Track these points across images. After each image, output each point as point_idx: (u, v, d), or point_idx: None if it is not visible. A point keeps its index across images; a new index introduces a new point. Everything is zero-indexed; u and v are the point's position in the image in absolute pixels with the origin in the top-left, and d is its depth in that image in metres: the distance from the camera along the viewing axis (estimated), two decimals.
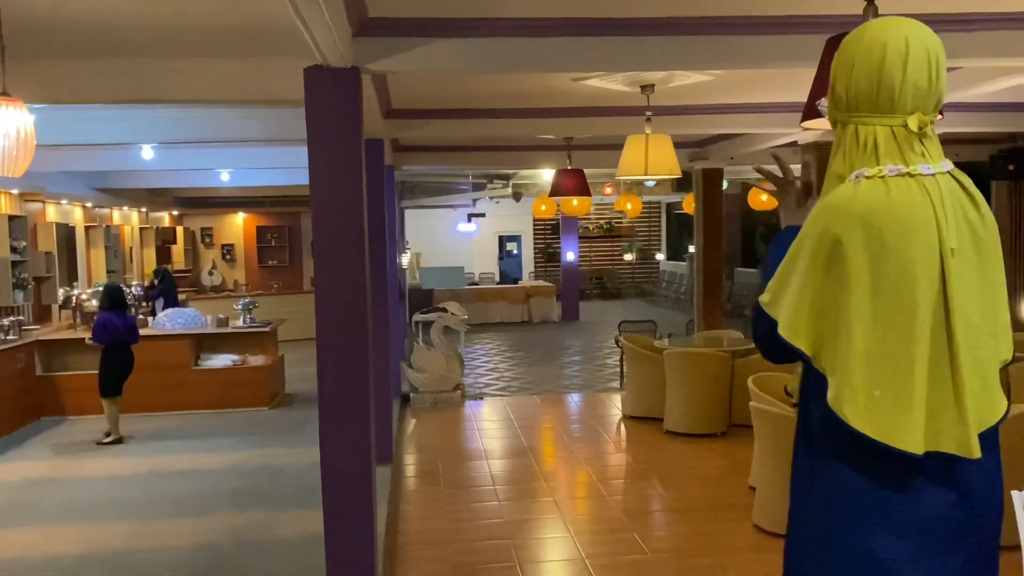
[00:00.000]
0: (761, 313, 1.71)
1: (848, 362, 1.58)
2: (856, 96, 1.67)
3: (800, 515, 1.76)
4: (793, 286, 1.64)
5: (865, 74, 1.64)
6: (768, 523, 5.24)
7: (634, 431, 7.98)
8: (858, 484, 1.64)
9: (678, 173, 5.33)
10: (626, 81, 5.29)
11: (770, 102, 6.52)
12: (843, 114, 1.71)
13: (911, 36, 1.62)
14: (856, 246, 1.57)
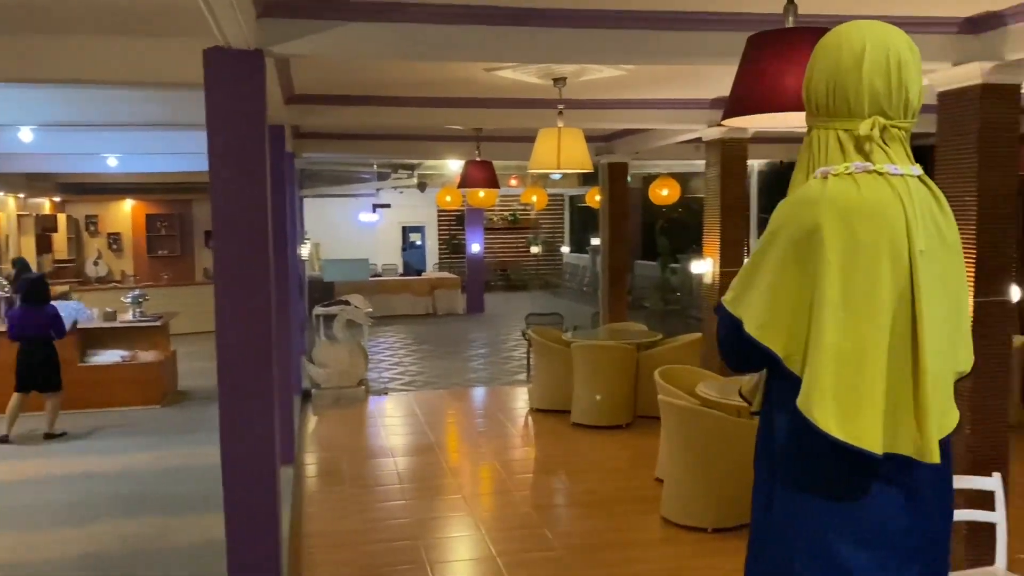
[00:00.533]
0: (724, 314, 1.66)
1: (818, 361, 1.52)
2: (816, 101, 1.66)
3: (762, 535, 1.72)
4: (761, 283, 1.59)
5: (824, 79, 1.63)
6: (676, 515, 5.29)
7: (541, 424, 7.98)
8: (821, 497, 1.60)
9: (590, 167, 5.31)
10: (539, 73, 5.22)
11: (679, 98, 6.59)
12: (810, 118, 1.72)
13: (869, 39, 1.59)
14: (832, 236, 1.52)
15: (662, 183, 11.67)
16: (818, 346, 1.51)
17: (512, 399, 9.20)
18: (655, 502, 5.65)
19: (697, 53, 4.19)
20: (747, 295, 1.61)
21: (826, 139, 1.63)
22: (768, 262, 1.58)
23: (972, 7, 4.05)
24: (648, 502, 5.75)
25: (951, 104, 4.40)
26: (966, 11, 4.10)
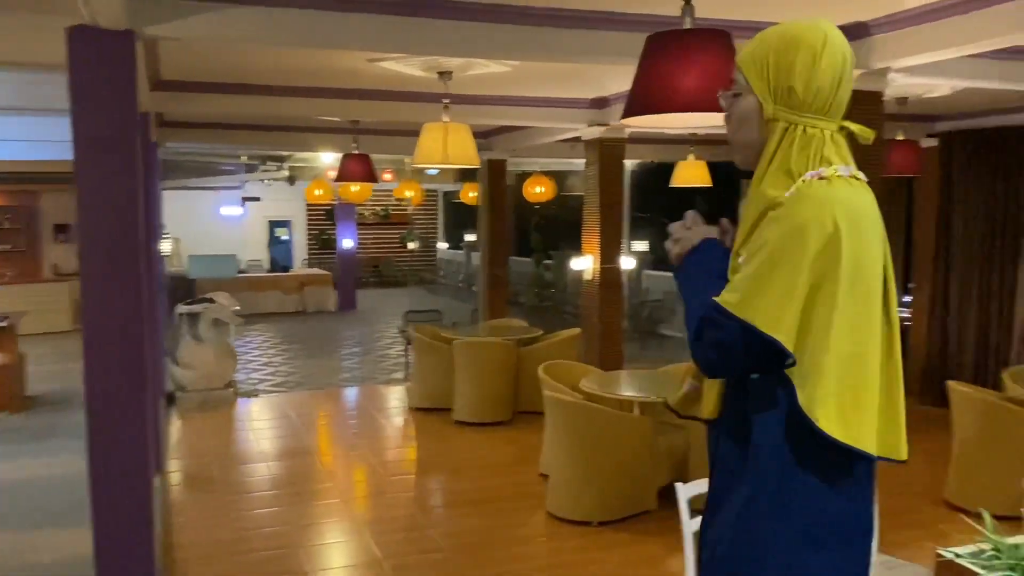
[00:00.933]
0: (726, 317, 1.55)
1: (824, 364, 1.51)
2: (814, 97, 1.61)
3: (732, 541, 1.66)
4: (778, 283, 1.52)
5: (829, 77, 1.60)
6: (561, 510, 5.33)
7: (422, 423, 7.87)
8: (805, 499, 1.58)
9: (477, 163, 5.26)
10: (424, 66, 5.13)
11: (561, 97, 6.65)
12: (792, 113, 1.63)
13: (842, 41, 1.64)
14: (847, 241, 1.51)
15: (536, 181, 11.78)
16: (825, 349, 1.50)
17: (390, 398, 9.04)
18: (540, 498, 5.67)
19: (590, 52, 4.21)
20: (760, 297, 1.53)
21: (813, 134, 1.61)
22: (787, 263, 1.52)
23: (840, 16, 4.26)
24: (533, 498, 5.77)
25: None
26: (837, 20, 4.30)
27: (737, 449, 1.64)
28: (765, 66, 1.64)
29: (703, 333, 1.59)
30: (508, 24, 4.08)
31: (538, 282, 15.23)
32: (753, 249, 1.57)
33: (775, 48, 1.63)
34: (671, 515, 5.30)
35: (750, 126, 1.68)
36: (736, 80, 1.73)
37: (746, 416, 1.63)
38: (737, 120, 1.71)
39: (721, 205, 12.87)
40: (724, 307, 1.55)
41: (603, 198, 6.98)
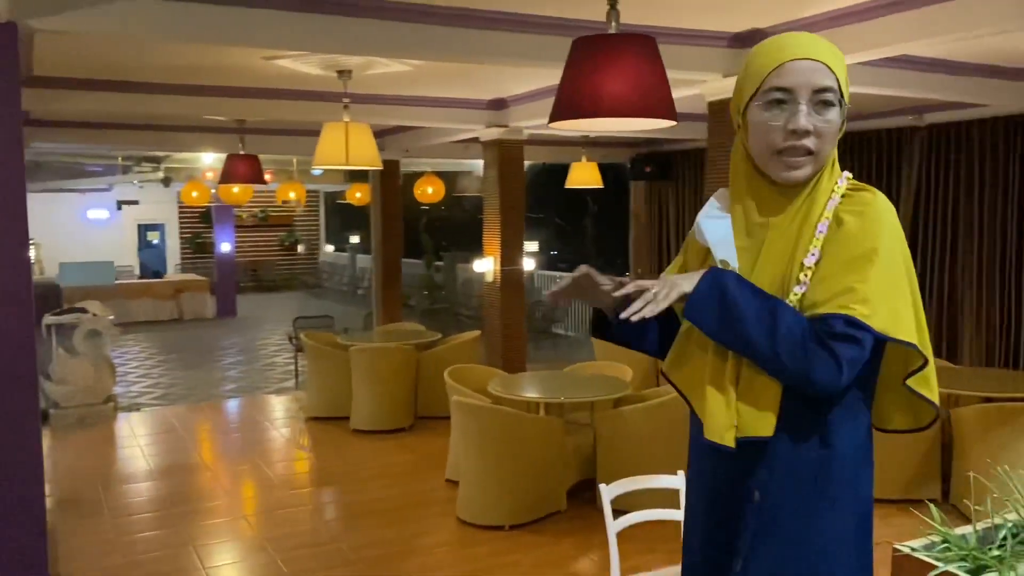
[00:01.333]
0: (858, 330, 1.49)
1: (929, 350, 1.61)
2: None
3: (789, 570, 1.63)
4: (899, 289, 1.54)
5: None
6: (472, 516, 5.28)
7: (319, 432, 7.64)
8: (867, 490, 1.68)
9: (379, 164, 5.14)
10: (323, 64, 4.96)
11: (460, 98, 6.59)
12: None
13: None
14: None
15: (427, 181, 11.67)
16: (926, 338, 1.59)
17: (282, 408, 8.74)
18: (449, 504, 5.60)
19: (494, 53, 4.18)
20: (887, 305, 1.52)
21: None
22: (898, 268, 1.55)
23: (740, 24, 4.39)
24: (442, 504, 5.69)
25: (720, 113, 4.75)
26: (735, 27, 4.44)
27: (808, 461, 1.60)
28: (845, 78, 1.59)
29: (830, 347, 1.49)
30: (413, 23, 3.99)
31: (428, 284, 15.10)
32: (849, 255, 1.52)
33: (837, 54, 1.59)
34: (581, 514, 5.37)
35: (834, 138, 1.59)
36: (831, 87, 1.56)
37: (822, 425, 1.59)
38: (828, 131, 1.57)
39: (611, 206, 13.17)
40: (862, 320, 1.48)
41: (503, 199, 6.98)
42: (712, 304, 1.57)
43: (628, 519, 3.41)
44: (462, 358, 7.46)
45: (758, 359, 1.55)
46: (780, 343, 1.50)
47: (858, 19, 4.00)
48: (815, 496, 1.60)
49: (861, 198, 1.58)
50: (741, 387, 1.60)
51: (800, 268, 1.56)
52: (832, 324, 1.50)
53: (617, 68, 2.69)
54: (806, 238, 1.58)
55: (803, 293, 1.56)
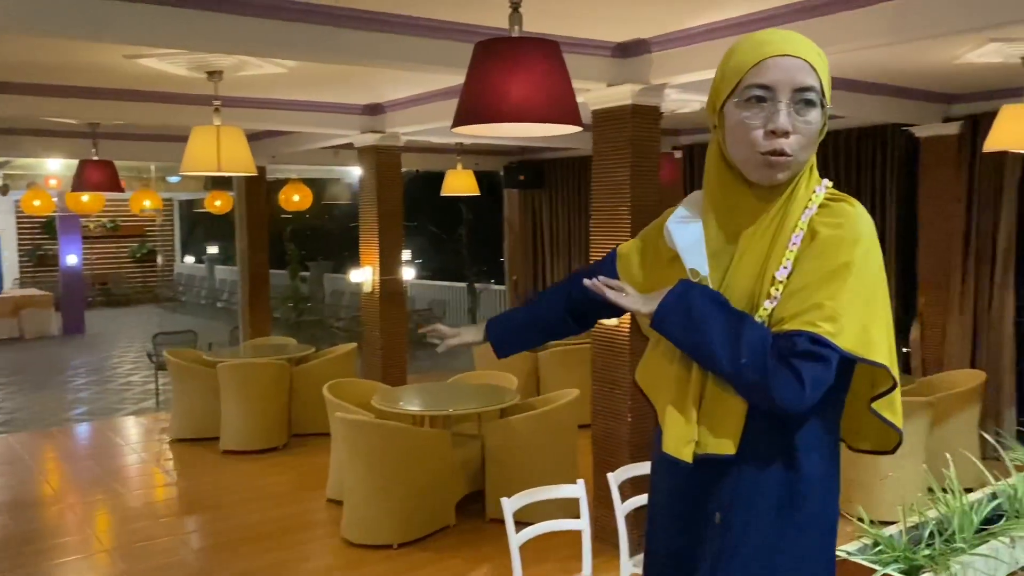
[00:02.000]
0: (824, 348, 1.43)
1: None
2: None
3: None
4: (871, 307, 1.47)
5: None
6: (359, 535, 5.08)
7: (186, 455, 7.19)
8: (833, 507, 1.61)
9: (253, 171, 4.86)
10: (191, 65, 4.66)
11: (334, 102, 6.37)
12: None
13: None
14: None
15: (293, 188, 11.28)
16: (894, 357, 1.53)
17: (143, 431, 8.18)
18: (333, 525, 5.38)
19: (379, 56, 4.02)
20: (857, 323, 1.45)
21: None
22: (873, 285, 1.48)
23: (623, 33, 4.43)
24: (325, 526, 5.46)
25: (605, 122, 4.78)
26: (618, 36, 4.48)
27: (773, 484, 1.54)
28: (827, 77, 1.53)
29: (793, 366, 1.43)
30: (293, 21, 3.79)
31: (295, 296, 14.59)
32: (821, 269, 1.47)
33: (820, 53, 1.53)
34: (470, 528, 5.28)
35: (815, 140, 1.55)
36: (812, 87, 1.50)
37: (789, 447, 1.54)
38: (806, 132, 1.51)
39: (485, 214, 13.14)
40: (827, 339, 1.42)
41: (381, 207, 6.79)
42: (678, 318, 1.52)
43: (531, 531, 3.35)
44: (338, 372, 7.21)
45: (722, 375, 1.50)
46: (743, 360, 1.45)
47: (740, 30, 4.12)
48: (780, 521, 1.54)
49: (838, 209, 1.52)
50: (706, 402, 1.55)
51: (771, 282, 1.50)
52: (796, 341, 1.44)
53: (523, 72, 2.62)
54: (779, 249, 1.52)
55: (773, 308, 1.50)
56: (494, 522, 5.34)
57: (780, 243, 1.52)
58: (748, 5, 3.93)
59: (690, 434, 1.55)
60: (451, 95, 5.99)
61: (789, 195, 1.55)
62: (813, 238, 1.50)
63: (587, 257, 9.81)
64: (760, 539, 1.53)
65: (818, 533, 1.56)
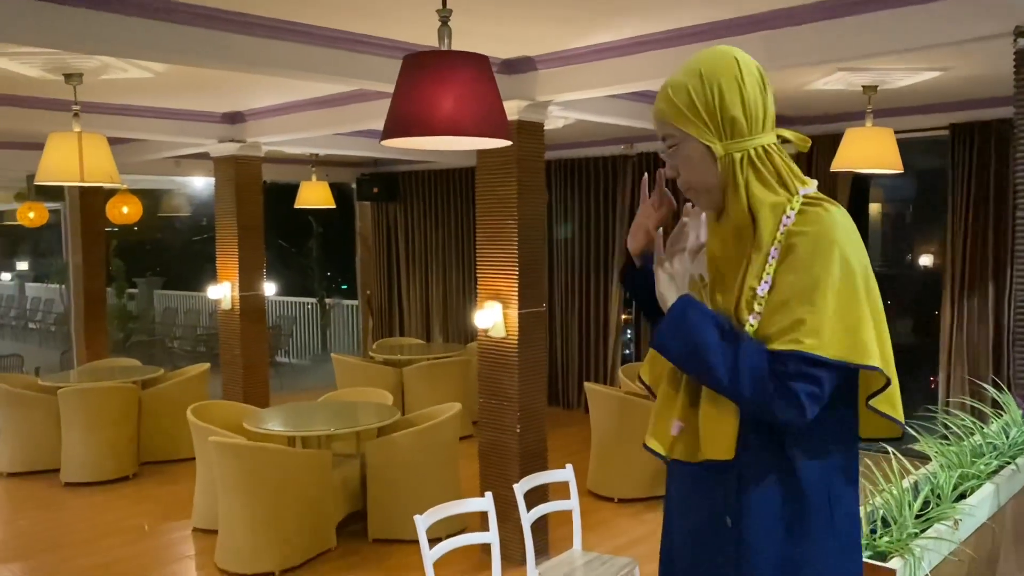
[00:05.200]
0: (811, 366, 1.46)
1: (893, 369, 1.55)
2: (753, 118, 1.57)
3: None
4: (854, 313, 1.48)
5: (757, 91, 1.58)
6: (235, 564, 4.82)
7: (21, 491, 6.52)
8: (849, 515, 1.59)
9: (119, 181, 4.53)
10: (48, 65, 4.29)
11: (192, 110, 6.06)
12: (741, 142, 1.58)
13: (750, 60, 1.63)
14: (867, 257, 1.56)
15: (122, 199, 10.56)
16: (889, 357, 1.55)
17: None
18: (205, 555, 5.09)
19: (270, 63, 3.88)
20: (842, 331, 1.47)
21: (764, 155, 1.59)
22: (850, 290, 1.49)
23: (510, 51, 4.52)
24: (194, 557, 5.15)
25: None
26: (505, 53, 4.56)
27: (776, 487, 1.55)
28: (694, 109, 1.57)
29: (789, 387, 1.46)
30: (166, 22, 3.58)
31: (122, 314, 13.62)
32: (798, 283, 1.49)
33: (695, 88, 1.58)
34: (351, 550, 5.17)
35: (705, 170, 1.60)
36: (669, 135, 1.63)
37: (789, 451, 1.55)
38: (689, 170, 1.62)
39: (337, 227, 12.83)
40: (814, 355, 1.45)
41: (241, 219, 6.51)
42: (677, 344, 1.56)
43: (444, 546, 3.32)
44: (192, 394, 6.83)
45: (724, 395, 1.53)
46: (743, 384, 1.48)
47: (623, 52, 4.30)
48: (793, 531, 1.55)
49: (812, 216, 1.53)
50: (704, 405, 1.58)
51: (753, 296, 1.53)
52: (786, 363, 1.47)
53: (454, 86, 2.62)
54: (757, 260, 1.54)
55: (757, 323, 1.52)
56: (377, 542, 5.24)
57: (757, 256, 1.55)
58: (632, 29, 4.11)
59: (664, 429, 1.65)
60: (316, 105, 5.86)
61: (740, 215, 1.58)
62: (789, 251, 1.52)
63: (450, 271, 9.84)
64: (777, 550, 1.55)
65: (836, 547, 1.56)
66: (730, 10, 3.76)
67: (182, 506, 5.86)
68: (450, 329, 9.98)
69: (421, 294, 10.25)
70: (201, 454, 5.36)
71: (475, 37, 4.15)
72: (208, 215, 15.66)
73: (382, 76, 4.12)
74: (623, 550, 4.86)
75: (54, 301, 15.70)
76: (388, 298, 10.63)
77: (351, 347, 12.00)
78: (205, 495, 5.41)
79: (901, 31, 3.49)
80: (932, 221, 9.61)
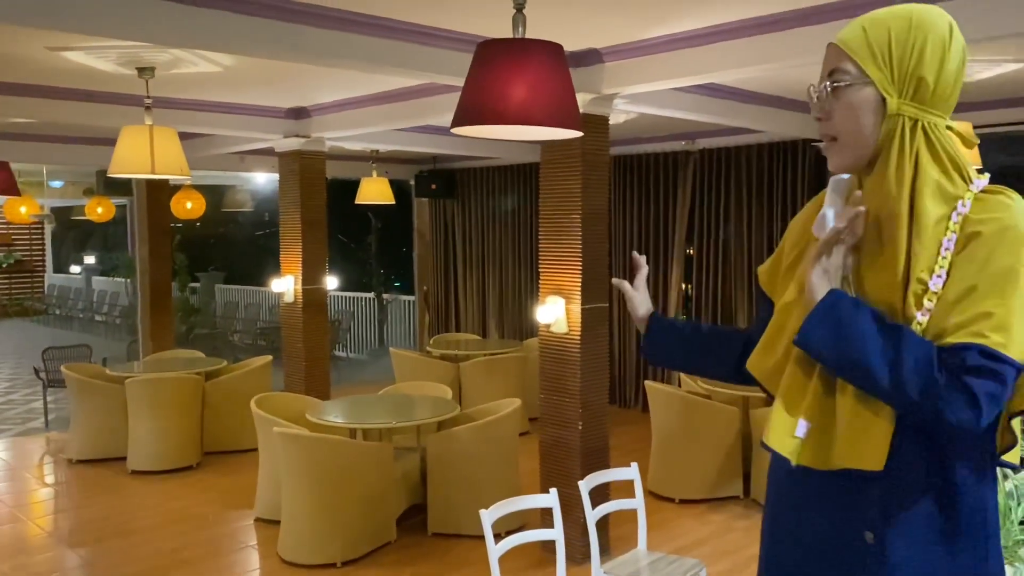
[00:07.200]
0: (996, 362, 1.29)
1: None
2: (943, 89, 1.41)
3: None
4: None
5: (957, 64, 1.42)
6: (297, 555, 4.87)
7: (90, 477, 6.70)
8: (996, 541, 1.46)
9: (188, 173, 4.60)
10: (121, 59, 4.37)
11: (257, 105, 6.13)
12: (919, 108, 1.41)
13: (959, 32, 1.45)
14: None
15: (186, 195, 10.78)
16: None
17: (36, 453, 7.58)
18: (266, 545, 5.15)
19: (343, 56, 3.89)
20: None
21: (939, 134, 1.42)
22: None
23: (576, 42, 4.46)
24: (256, 547, 5.21)
25: None
26: (571, 46, 4.50)
27: (926, 508, 1.40)
28: (887, 53, 1.41)
29: (964, 383, 1.29)
30: (252, 15, 3.61)
31: (185, 308, 13.90)
32: (984, 274, 1.33)
33: (898, 32, 1.41)
34: (412, 543, 5.17)
35: (864, 123, 1.42)
36: (843, 69, 1.44)
37: (944, 462, 1.40)
38: (845, 115, 1.44)
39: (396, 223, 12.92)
40: (999, 351, 1.28)
41: (304, 214, 6.57)
42: (827, 332, 1.39)
43: (510, 541, 3.29)
44: (254, 386, 6.92)
45: (880, 395, 1.36)
46: (907, 379, 1.31)
47: (692, 44, 4.21)
48: (943, 546, 1.40)
49: (994, 203, 1.37)
50: (848, 402, 1.41)
51: (924, 290, 1.36)
52: (965, 356, 1.30)
53: (527, 74, 2.59)
54: (924, 253, 1.38)
55: (927, 320, 1.36)
56: (437, 536, 5.24)
57: (922, 245, 1.38)
58: (701, 19, 4.03)
59: (793, 426, 1.45)
60: (379, 100, 5.88)
61: (897, 188, 1.41)
62: (969, 240, 1.35)
63: (507, 267, 9.84)
64: (925, 570, 1.40)
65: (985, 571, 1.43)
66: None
67: (244, 496, 5.94)
68: (506, 325, 9.97)
69: (477, 290, 10.26)
70: (264, 445, 5.42)
71: (541, 28, 4.11)
72: (270, 211, 15.93)
73: (451, 69, 4.10)
74: (686, 551, 4.77)
75: (119, 294, 16.10)
76: (445, 294, 10.66)
77: (407, 342, 12.07)
78: (268, 486, 5.48)
79: (985, 18, 3.34)
80: None
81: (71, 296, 17.87)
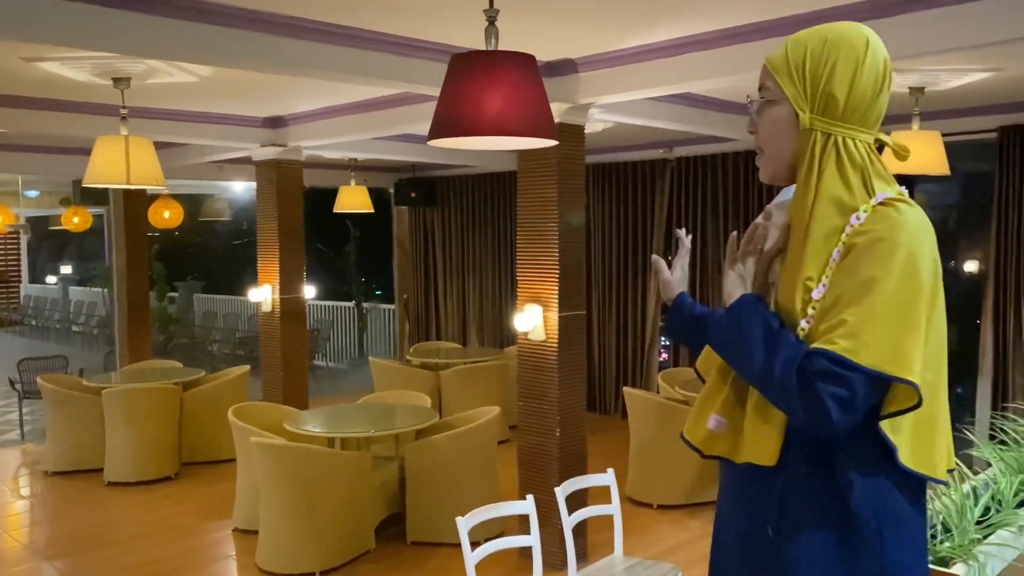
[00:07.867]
0: (840, 367, 1.35)
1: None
2: (855, 105, 1.46)
3: None
4: (903, 322, 1.37)
5: (872, 83, 1.46)
6: (276, 565, 4.86)
7: (66, 489, 6.64)
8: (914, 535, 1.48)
9: (163, 183, 4.60)
10: (96, 70, 4.37)
11: (234, 115, 6.13)
12: (831, 123, 1.47)
13: (880, 45, 1.50)
14: (937, 269, 1.44)
15: (163, 204, 10.73)
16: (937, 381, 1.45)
17: (11, 465, 7.50)
18: (244, 555, 5.13)
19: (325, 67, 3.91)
20: (885, 340, 1.36)
21: (860, 149, 1.47)
22: (907, 299, 1.38)
23: (551, 52, 4.50)
24: (238, 556, 5.19)
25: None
26: (546, 55, 4.54)
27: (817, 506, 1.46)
28: (802, 70, 1.47)
29: (814, 386, 1.35)
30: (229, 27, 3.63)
31: (163, 317, 13.83)
32: (849, 284, 1.39)
33: (813, 51, 1.47)
34: (391, 552, 5.17)
35: (782, 137, 1.51)
36: (766, 86, 1.54)
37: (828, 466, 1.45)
38: (767, 130, 1.53)
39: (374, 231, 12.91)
40: (845, 357, 1.34)
41: (282, 222, 6.57)
42: (724, 332, 1.52)
43: (486, 549, 3.31)
44: (232, 396, 6.90)
45: (755, 385, 1.47)
46: (774, 380, 1.40)
47: (667, 54, 4.26)
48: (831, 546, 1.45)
49: (881, 214, 1.42)
50: (751, 404, 1.50)
51: (807, 296, 1.44)
52: (813, 361, 1.37)
53: (501, 86, 2.62)
54: (815, 256, 1.44)
55: (809, 327, 1.43)
56: (416, 545, 5.24)
57: (812, 256, 1.44)
58: (675, 30, 4.08)
59: (706, 420, 1.56)
60: (356, 109, 5.90)
61: (802, 199, 1.48)
62: (848, 251, 1.41)
63: (487, 275, 9.86)
64: (819, 568, 1.46)
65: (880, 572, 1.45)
66: (777, 9, 3.72)
67: (222, 506, 5.92)
68: (486, 333, 9.99)
69: (457, 298, 10.28)
70: (242, 455, 5.40)
71: (516, 38, 4.15)
72: (248, 220, 15.86)
73: (427, 79, 4.13)
74: (663, 556, 4.80)
75: (96, 304, 15.97)
76: (425, 302, 10.67)
77: (387, 351, 12.05)
78: (246, 496, 5.46)
79: (950, 30, 3.42)
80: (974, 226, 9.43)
81: (47, 307, 17.70)
